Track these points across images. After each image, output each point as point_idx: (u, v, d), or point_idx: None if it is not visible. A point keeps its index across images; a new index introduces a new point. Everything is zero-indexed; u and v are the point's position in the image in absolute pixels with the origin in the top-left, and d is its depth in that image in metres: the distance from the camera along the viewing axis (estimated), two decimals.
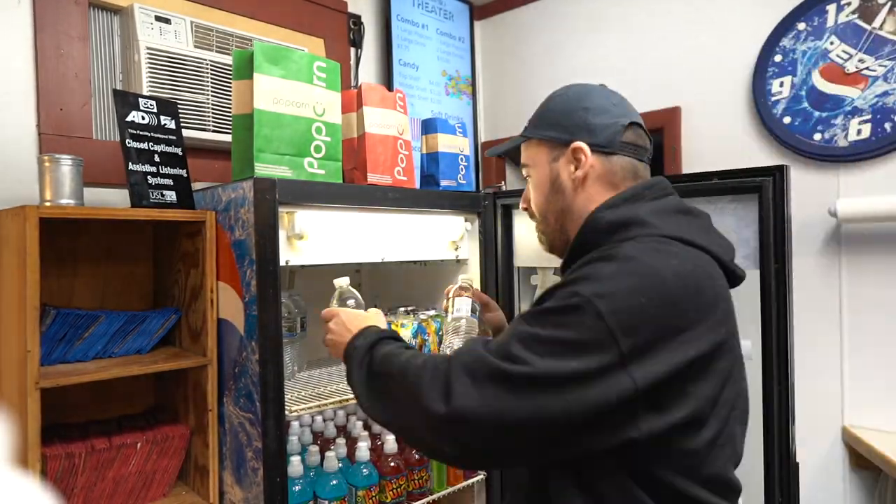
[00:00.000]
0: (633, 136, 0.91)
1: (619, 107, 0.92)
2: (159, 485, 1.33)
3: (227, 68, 1.65)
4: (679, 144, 2.12)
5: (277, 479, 1.18)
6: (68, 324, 1.22)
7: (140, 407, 1.50)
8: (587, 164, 0.89)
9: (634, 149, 0.91)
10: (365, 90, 1.48)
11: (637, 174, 0.91)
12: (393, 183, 1.50)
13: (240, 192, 1.22)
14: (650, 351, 0.70)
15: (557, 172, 0.93)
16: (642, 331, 0.70)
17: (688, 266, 0.76)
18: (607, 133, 0.89)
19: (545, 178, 0.95)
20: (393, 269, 1.94)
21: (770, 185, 1.32)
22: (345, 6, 2.11)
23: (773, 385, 1.31)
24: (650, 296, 0.71)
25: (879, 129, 1.68)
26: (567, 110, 0.93)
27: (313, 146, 1.32)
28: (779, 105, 1.86)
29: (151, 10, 1.54)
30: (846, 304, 1.80)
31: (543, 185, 0.95)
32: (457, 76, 2.52)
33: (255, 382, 1.18)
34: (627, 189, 0.88)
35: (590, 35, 2.35)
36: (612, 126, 0.89)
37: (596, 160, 0.89)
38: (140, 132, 1.31)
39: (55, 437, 1.23)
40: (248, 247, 1.20)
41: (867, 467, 1.75)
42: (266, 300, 1.17)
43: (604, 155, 0.89)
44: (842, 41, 1.75)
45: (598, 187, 0.90)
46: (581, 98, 0.93)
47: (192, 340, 1.37)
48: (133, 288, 1.51)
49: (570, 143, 0.90)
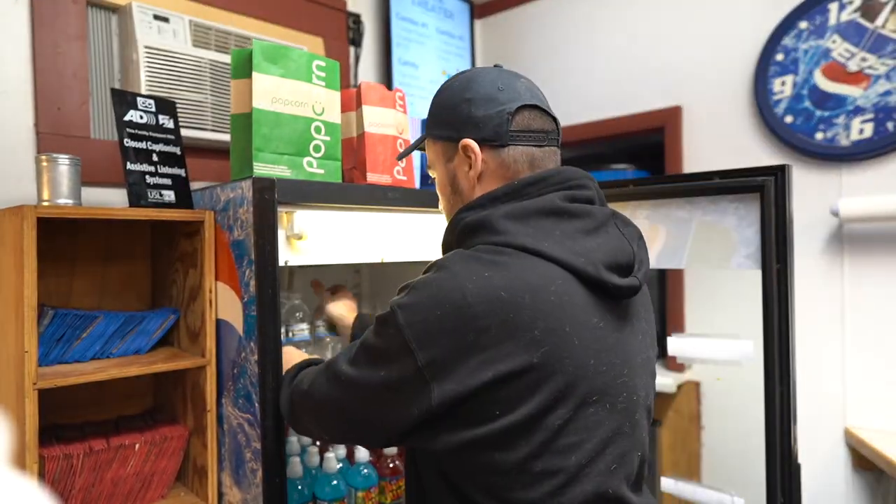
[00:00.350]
0: (524, 122, 0.83)
1: (507, 91, 0.83)
2: (158, 486, 1.32)
3: (226, 67, 1.64)
4: (680, 144, 2.11)
5: (276, 481, 1.17)
6: (66, 324, 1.21)
7: (138, 408, 1.49)
8: (479, 161, 0.83)
9: (528, 135, 0.83)
10: (364, 89, 1.47)
11: (534, 163, 0.83)
12: (392, 182, 1.50)
13: (238, 191, 1.22)
14: (447, 367, 0.68)
15: (454, 173, 0.87)
16: (438, 345, 0.68)
17: (505, 281, 0.69)
18: (492, 124, 0.82)
19: (444, 180, 0.90)
20: (393, 269, 1.93)
21: (772, 185, 1.31)
22: (344, 5, 2.11)
23: (774, 386, 1.30)
24: (446, 310, 0.68)
25: (882, 128, 1.67)
26: (452, 104, 0.86)
27: (312, 145, 1.31)
28: (780, 104, 1.85)
29: (150, 9, 1.53)
30: (848, 304, 1.79)
31: (444, 186, 0.90)
32: None
33: (253, 383, 1.18)
34: (506, 185, 0.81)
35: (590, 34, 2.34)
36: (496, 116, 0.82)
37: (488, 155, 0.83)
38: (138, 131, 1.30)
39: (53, 438, 1.22)
40: (247, 247, 1.19)
41: (869, 468, 1.75)
42: (265, 300, 1.17)
43: (494, 149, 0.83)
44: (844, 40, 1.74)
45: (494, 184, 0.83)
46: (464, 88, 0.85)
47: (190, 341, 1.36)
48: (131, 288, 1.50)
49: (459, 141, 0.84)
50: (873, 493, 1.76)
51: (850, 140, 1.72)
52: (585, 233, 0.76)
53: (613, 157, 2.98)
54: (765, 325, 1.32)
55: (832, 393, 1.81)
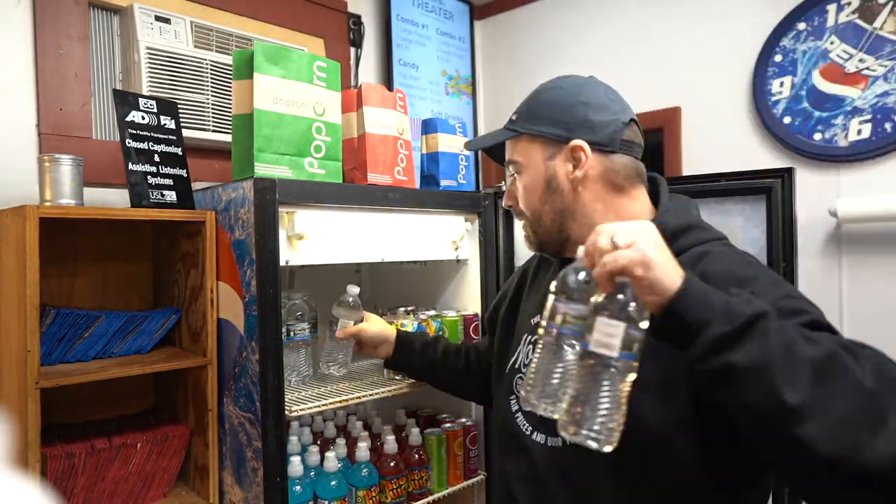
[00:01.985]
0: (631, 134, 0.88)
1: (618, 102, 0.89)
2: (159, 485, 1.33)
3: (227, 68, 1.65)
4: (679, 144, 2.11)
5: (277, 480, 1.18)
6: (68, 324, 1.22)
7: (140, 407, 1.50)
8: (587, 164, 0.85)
9: (634, 147, 0.88)
10: (365, 90, 1.48)
11: (639, 172, 0.89)
12: (393, 183, 1.50)
13: (240, 191, 1.22)
14: None
15: (554, 171, 0.88)
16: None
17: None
18: (608, 131, 0.85)
19: (539, 177, 0.90)
20: (393, 269, 1.94)
21: (779, 187, 1.34)
22: (345, 6, 2.11)
23: None
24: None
25: (880, 128, 1.68)
26: (564, 105, 0.88)
27: (313, 146, 1.32)
28: (779, 105, 1.86)
29: (151, 10, 1.54)
30: (846, 304, 1.80)
31: (537, 183, 0.90)
32: (457, 76, 2.52)
33: (254, 382, 1.18)
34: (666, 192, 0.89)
35: (590, 35, 2.35)
36: (613, 123, 0.86)
37: (596, 159, 0.86)
38: (140, 132, 1.31)
39: (55, 437, 1.23)
40: (248, 247, 1.19)
41: None
42: (266, 300, 1.17)
43: (604, 154, 0.86)
44: (842, 41, 1.75)
45: (599, 187, 0.87)
46: (578, 92, 0.88)
47: (191, 340, 1.37)
48: (133, 288, 1.51)
49: (570, 141, 0.86)
50: None
51: (849, 141, 1.73)
52: None
53: None
54: None
55: None
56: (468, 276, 1.70)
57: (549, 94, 0.91)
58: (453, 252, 1.64)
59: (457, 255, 1.64)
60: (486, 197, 1.67)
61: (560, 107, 0.88)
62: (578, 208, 0.88)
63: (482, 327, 1.66)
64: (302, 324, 1.42)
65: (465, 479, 1.60)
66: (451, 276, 1.75)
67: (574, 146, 0.86)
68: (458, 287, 1.73)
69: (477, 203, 1.64)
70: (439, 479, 1.55)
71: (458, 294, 1.73)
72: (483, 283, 1.67)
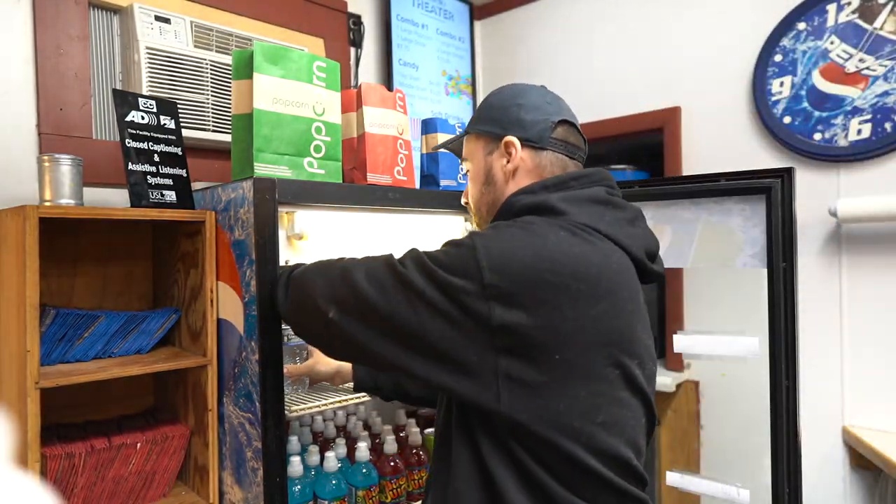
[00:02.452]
0: (563, 133, 0.95)
1: (553, 105, 0.96)
2: (159, 485, 1.33)
3: (227, 68, 1.65)
4: (679, 144, 2.12)
5: (277, 480, 1.18)
6: (68, 324, 1.22)
7: (140, 407, 1.50)
8: (517, 158, 0.93)
9: (565, 145, 0.95)
10: (365, 90, 1.48)
11: (566, 170, 0.94)
12: (393, 183, 1.50)
13: (239, 191, 1.22)
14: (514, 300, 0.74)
15: (491, 165, 0.97)
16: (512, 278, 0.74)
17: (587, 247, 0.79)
18: (538, 129, 0.93)
19: (480, 171, 0.99)
20: None
21: (779, 187, 1.34)
22: (345, 6, 2.11)
23: (781, 381, 1.33)
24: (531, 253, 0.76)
25: (880, 128, 1.68)
26: (502, 106, 0.97)
27: (313, 146, 1.32)
28: (779, 105, 1.86)
29: (151, 10, 1.54)
30: (846, 304, 1.80)
31: (479, 177, 1.00)
32: (457, 76, 2.52)
33: (254, 382, 1.18)
34: (554, 177, 0.91)
35: (589, 35, 2.35)
36: (542, 122, 0.93)
37: (526, 154, 0.93)
38: (140, 132, 1.31)
39: (55, 437, 1.23)
40: (248, 247, 1.19)
41: (867, 467, 1.75)
42: (266, 300, 1.17)
43: (534, 149, 0.93)
44: (842, 41, 1.75)
45: (527, 180, 0.94)
46: (516, 95, 0.97)
47: (191, 340, 1.37)
48: (133, 288, 1.51)
49: (503, 137, 0.94)
50: (871, 493, 1.77)
51: (849, 140, 1.73)
52: (626, 222, 0.88)
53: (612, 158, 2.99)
54: (771, 322, 1.35)
55: (830, 392, 1.82)
56: None
57: (493, 97, 1.01)
58: None
59: None
60: None
61: (499, 107, 0.98)
62: (504, 199, 0.95)
63: None
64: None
65: None
66: None
67: (506, 141, 0.94)
68: None
69: None
70: None
71: None
72: None
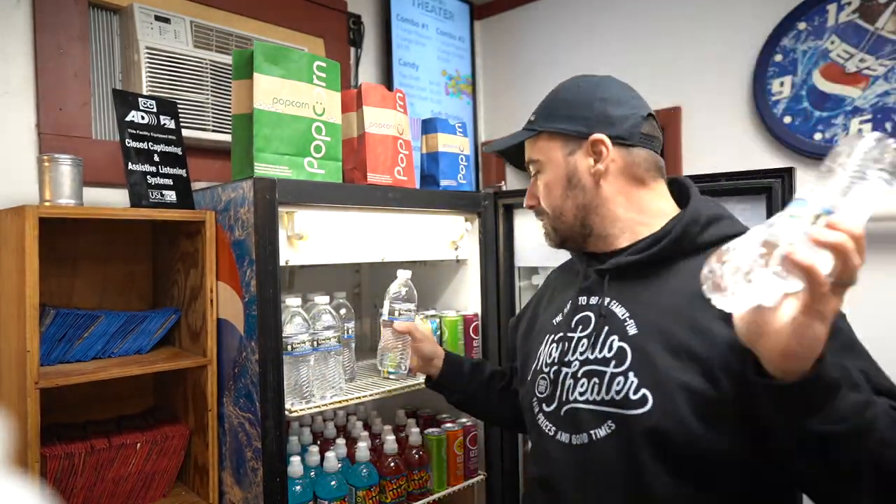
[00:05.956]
0: (650, 128, 0.90)
1: (637, 98, 0.91)
2: (159, 485, 1.32)
3: (227, 68, 1.65)
4: (679, 144, 2.11)
5: (277, 480, 1.18)
6: (68, 324, 1.22)
7: (139, 407, 1.50)
8: (608, 158, 0.87)
9: (652, 140, 0.90)
10: (365, 90, 1.48)
11: (658, 166, 0.91)
12: (393, 183, 1.50)
13: (239, 191, 1.22)
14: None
15: (575, 166, 0.89)
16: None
17: None
18: (627, 125, 0.87)
19: (560, 173, 0.91)
20: (393, 269, 1.94)
21: (779, 187, 1.34)
22: (345, 6, 2.11)
23: None
24: None
25: (880, 128, 1.68)
26: (583, 102, 0.89)
27: (313, 146, 1.32)
28: (779, 105, 1.85)
29: (151, 10, 1.54)
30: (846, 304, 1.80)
31: (558, 180, 0.91)
32: (457, 76, 2.52)
33: (254, 383, 1.18)
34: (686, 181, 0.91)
35: (590, 34, 2.35)
36: (631, 117, 0.87)
37: (616, 153, 0.87)
38: (139, 132, 1.31)
39: (54, 437, 1.23)
40: (248, 247, 1.19)
41: None
42: (266, 300, 1.17)
43: (624, 147, 0.87)
44: (842, 41, 1.75)
45: (621, 181, 0.88)
46: (596, 88, 0.90)
47: (191, 340, 1.36)
48: (133, 288, 1.51)
49: (589, 136, 0.87)
50: None
51: None
52: None
53: None
54: None
55: None
56: (468, 276, 1.70)
57: (568, 92, 0.93)
58: (453, 252, 1.64)
59: (457, 255, 1.64)
60: (485, 197, 1.67)
61: (579, 103, 0.90)
62: (601, 202, 0.89)
63: (482, 329, 1.66)
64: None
65: (465, 480, 1.60)
66: (451, 276, 1.75)
67: (595, 140, 0.87)
68: (458, 287, 1.73)
69: (477, 203, 1.64)
70: (439, 479, 1.55)
71: (457, 294, 1.73)
72: (483, 283, 1.67)
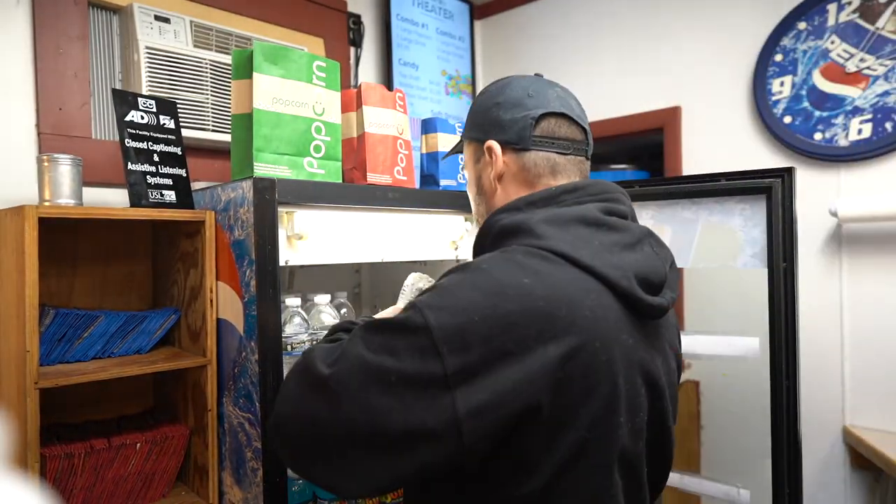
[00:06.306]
0: (549, 128, 0.83)
1: (536, 97, 0.84)
2: (159, 485, 1.32)
3: (227, 68, 1.65)
4: (679, 144, 2.11)
5: (277, 480, 1.18)
6: (67, 324, 1.22)
7: (139, 407, 1.50)
8: (500, 163, 0.85)
9: (552, 141, 0.83)
10: (365, 90, 1.48)
11: (556, 170, 0.84)
12: (393, 183, 1.50)
13: (239, 191, 1.22)
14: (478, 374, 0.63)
15: (480, 173, 0.89)
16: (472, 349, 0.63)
17: (544, 287, 0.67)
18: (516, 128, 0.83)
19: (472, 180, 0.92)
20: (393, 269, 1.94)
21: (779, 186, 1.34)
22: (344, 5, 2.11)
23: (782, 381, 1.33)
24: (485, 314, 0.64)
25: (880, 128, 1.68)
26: (484, 108, 0.88)
27: (313, 146, 1.32)
28: (779, 104, 1.85)
29: (151, 10, 1.54)
30: (847, 304, 1.80)
31: (471, 187, 0.93)
32: (457, 76, 2.52)
33: (254, 383, 1.18)
34: (543, 190, 0.81)
35: (590, 34, 2.35)
36: (521, 120, 0.83)
37: (510, 158, 0.84)
38: (139, 132, 1.31)
39: (54, 437, 1.23)
40: (248, 247, 1.19)
41: (868, 467, 1.75)
42: (265, 300, 1.17)
43: (516, 152, 0.84)
44: (842, 41, 1.75)
45: (514, 186, 0.85)
46: (497, 93, 0.88)
47: (191, 340, 1.36)
48: (132, 288, 1.51)
49: (485, 142, 0.86)
50: (872, 493, 1.77)
51: (849, 140, 1.73)
52: (622, 247, 0.75)
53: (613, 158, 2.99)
54: (771, 322, 1.35)
55: (831, 392, 1.82)
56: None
57: (478, 98, 0.92)
58: (453, 252, 1.63)
59: (457, 255, 1.64)
60: None
61: (480, 110, 0.89)
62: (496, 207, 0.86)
63: None
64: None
65: None
66: None
67: (487, 146, 0.86)
68: None
69: None
70: None
71: None
72: None
